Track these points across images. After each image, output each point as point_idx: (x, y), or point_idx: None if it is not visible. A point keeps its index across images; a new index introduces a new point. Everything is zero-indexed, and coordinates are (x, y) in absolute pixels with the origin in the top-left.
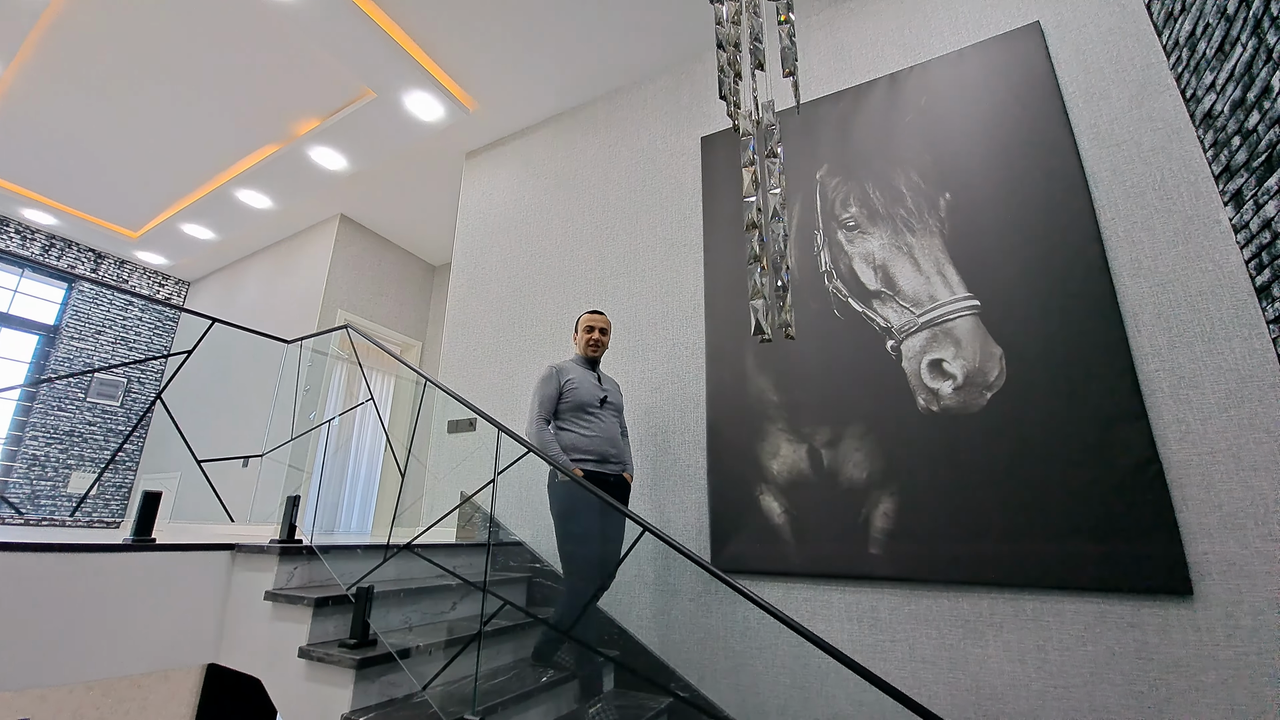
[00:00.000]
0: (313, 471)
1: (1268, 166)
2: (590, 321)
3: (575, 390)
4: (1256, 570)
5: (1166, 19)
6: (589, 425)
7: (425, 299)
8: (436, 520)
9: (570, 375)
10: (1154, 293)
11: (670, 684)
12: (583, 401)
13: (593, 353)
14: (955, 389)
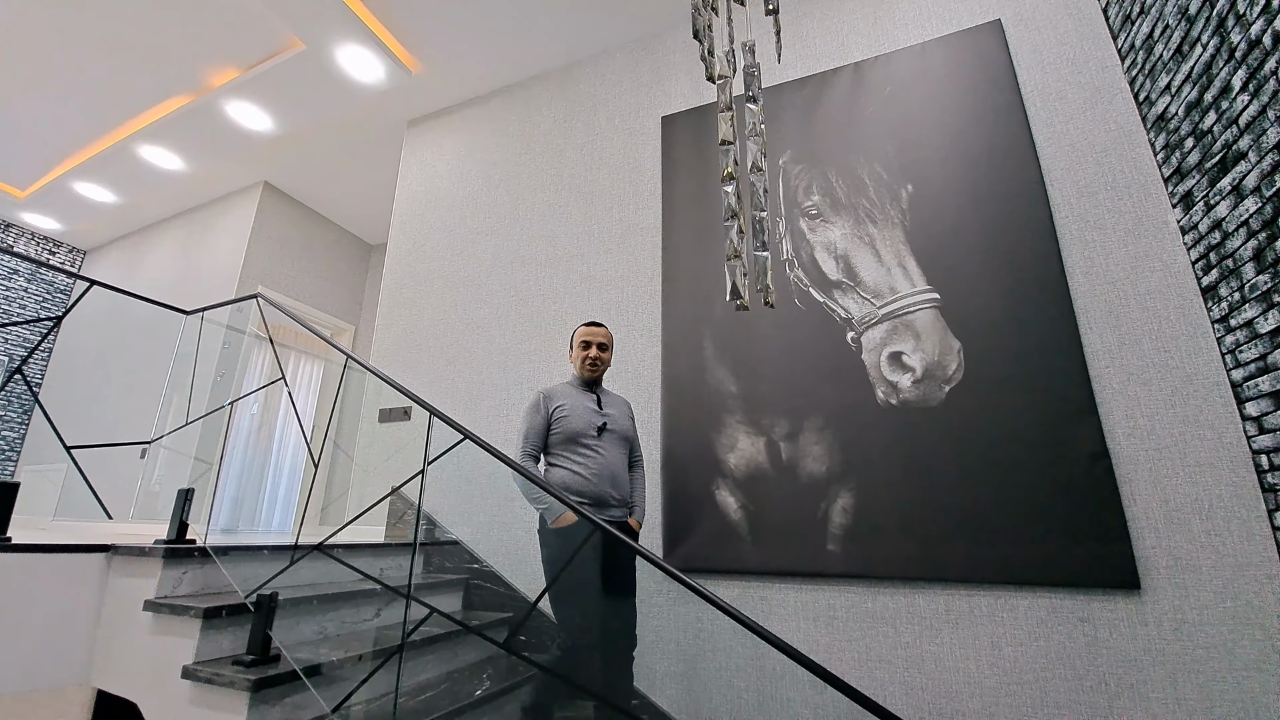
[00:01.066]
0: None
1: (1221, 167)
2: (586, 336)
3: (566, 419)
4: (1202, 565)
5: (1124, 22)
6: (583, 460)
7: (360, 280)
8: (354, 517)
9: (560, 401)
10: (1105, 291)
11: None
12: (575, 431)
13: (591, 372)
14: (914, 382)
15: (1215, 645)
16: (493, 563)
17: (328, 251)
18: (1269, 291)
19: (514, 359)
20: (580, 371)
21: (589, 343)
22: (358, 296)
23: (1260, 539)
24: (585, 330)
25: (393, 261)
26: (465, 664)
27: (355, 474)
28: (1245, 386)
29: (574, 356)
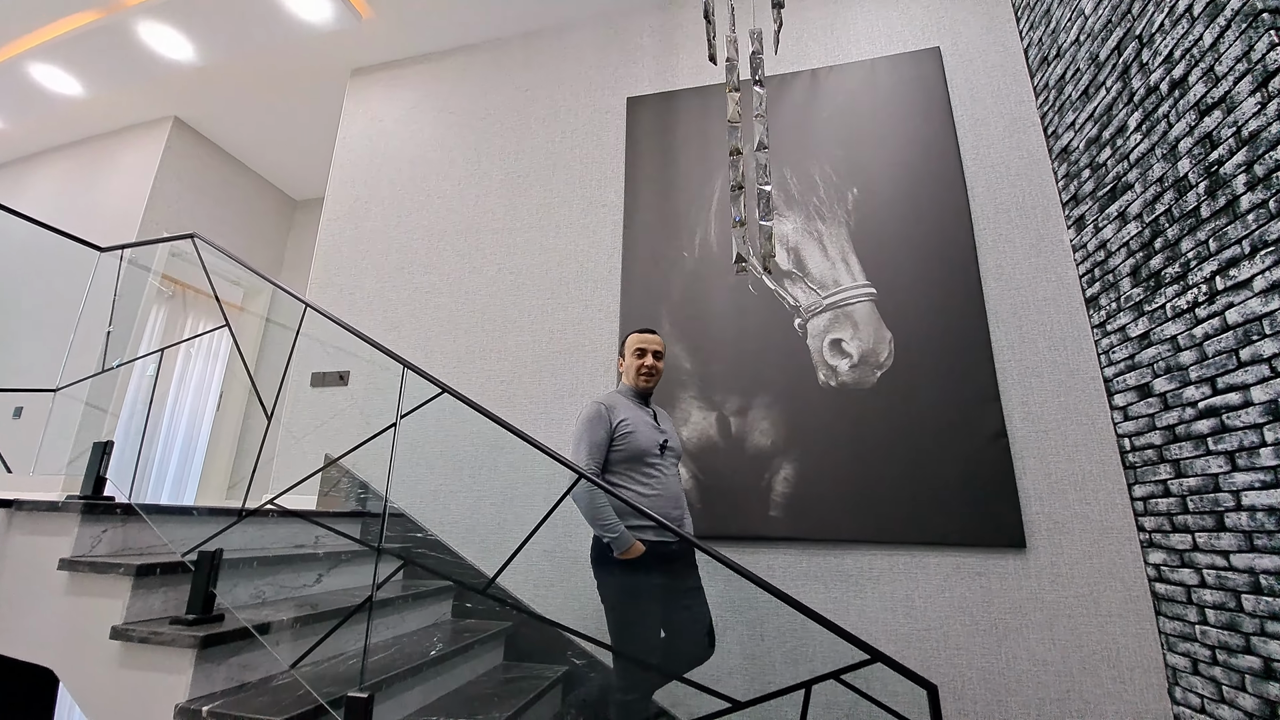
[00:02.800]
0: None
1: (1111, 195)
2: (641, 343)
3: (631, 435)
4: (1074, 528)
5: (1041, 62)
6: (649, 480)
7: (281, 237)
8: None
9: (624, 416)
10: (1011, 296)
11: (567, 652)
12: (641, 450)
13: (646, 383)
14: (851, 367)
15: (1083, 595)
16: (437, 533)
17: (246, 203)
18: (1140, 303)
19: (466, 327)
20: (634, 382)
21: (644, 350)
22: (278, 254)
23: (1121, 508)
24: (640, 337)
25: (330, 218)
26: (412, 629)
27: (284, 440)
28: (1115, 382)
29: (625, 365)
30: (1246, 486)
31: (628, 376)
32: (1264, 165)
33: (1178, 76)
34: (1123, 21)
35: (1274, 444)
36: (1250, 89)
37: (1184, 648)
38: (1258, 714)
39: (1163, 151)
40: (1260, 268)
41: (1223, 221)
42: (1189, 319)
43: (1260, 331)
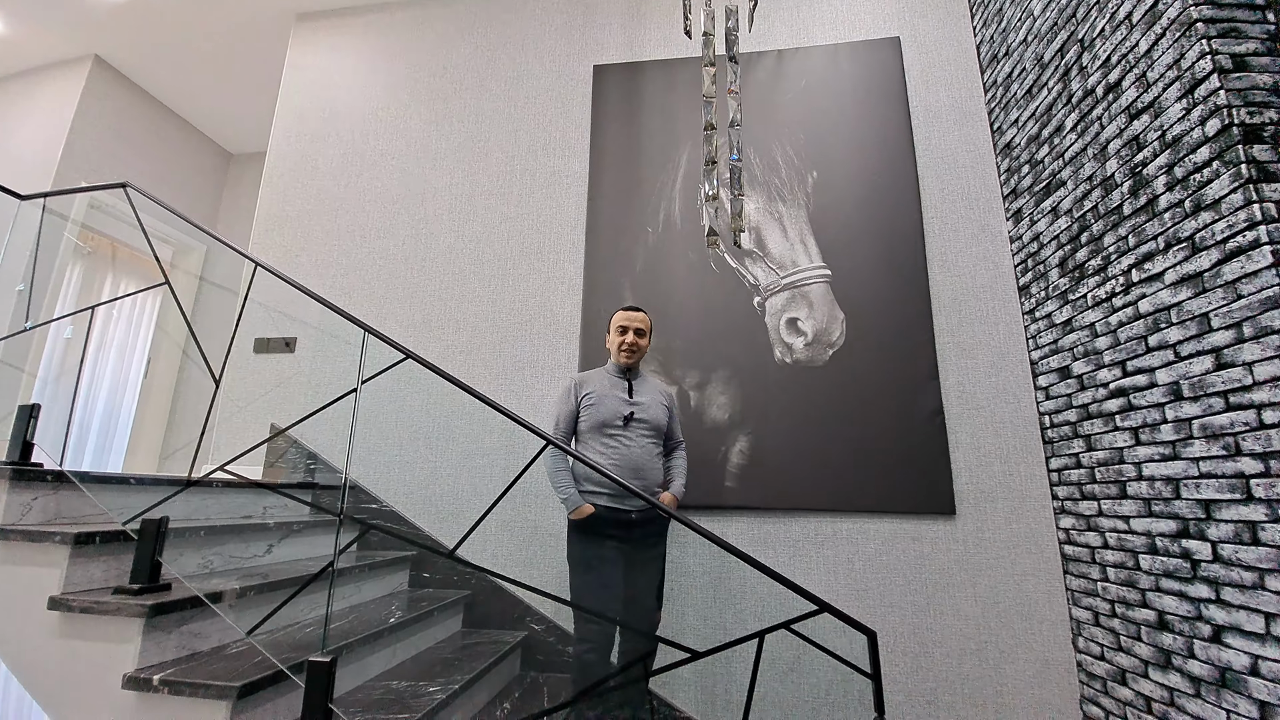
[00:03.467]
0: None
1: (1046, 191)
2: (624, 321)
3: (593, 407)
4: (997, 496)
5: (991, 60)
6: (608, 450)
7: (216, 193)
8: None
9: (590, 389)
10: (953, 283)
11: (526, 618)
12: (601, 420)
13: (627, 359)
14: (806, 345)
15: (1003, 556)
16: (393, 504)
17: (176, 154)
18: (1065, 292)
19: (422, 296)
20: (616, 358)
21: (625, 328)
22: (212, 210)
23: (1039, 479)
24: (623, 315)
25: (273, 175)
26: (369, 599)
27: (226, 408)
28: (1040, 364)
29: (610, 341)
30: (1147, 459)
31: (611, 352)
32: (1183, 168)
33: (1113, 81)
34: (1067, 24)
35: (1173, 421)
36: (1178, 95)
37: (1087, 602)
38: (1152, 661)
39: (1094, 151)
40: (1171, 262)
41: (1142, 219)
42: (1106, 308)
43: (1168, 320)
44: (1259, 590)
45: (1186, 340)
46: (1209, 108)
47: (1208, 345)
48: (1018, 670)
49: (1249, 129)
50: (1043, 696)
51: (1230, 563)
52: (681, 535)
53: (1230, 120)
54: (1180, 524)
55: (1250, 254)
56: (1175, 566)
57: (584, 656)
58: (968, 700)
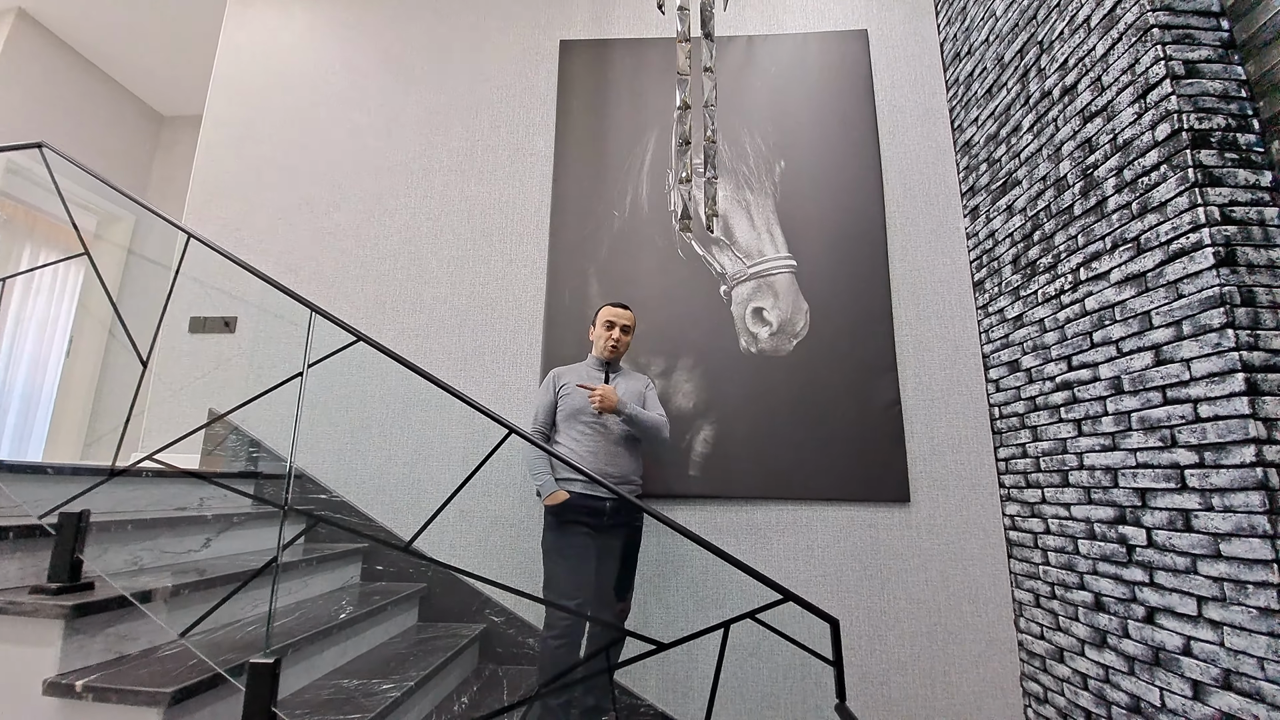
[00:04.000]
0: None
1: (1002, 189)
2: (611, 316)
3: (568, 398)
4: (949, 484)
5: (954, 58)
6: (581, 437)
7: (145, 159)
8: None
9: (568, 379)
10: (912, 276)
11: (485, 610)
12: (576, 408)
13: (610, 354)
14: (771, 335)
15: (953, 542)
16: (343, 494)
17: (102, 115)
18: (1017, 288)
19: (376, 276)
20: (600, 351)
21: (613, 323)
22: (142, 178)
23: (988, 468)
24: (610, 311)
25: (212, 141)
26: (316, 594)
27: (155, 391)
28: (991, 358)
29: (595, 335)
30: (1088, 449)
31: (595, 346)
32: (1133, 170)
33: (1069, 84)
34: (1028, 26)
35: (1114, 413)
36: (1130, 99)
37: (1029, 585)
38: (1089, 640)
39: (1049, 152)
40: (1118, 262)
41: (1091, 220)
42: (1055, 304)
43: (1112, 318)
44: (1191, 575)
45: (1128, 337)
46: (1160, 112)
47: (1148, 342)
48: (964, 650)
49: (1197, 134)
50: (986, 675)
51: (1164, 548)
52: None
53: (1180, 125)
54: (1118, 511)
55: (1193, 255)
56: (1112, 551)
57: (553, 648)
58: (918, 680)
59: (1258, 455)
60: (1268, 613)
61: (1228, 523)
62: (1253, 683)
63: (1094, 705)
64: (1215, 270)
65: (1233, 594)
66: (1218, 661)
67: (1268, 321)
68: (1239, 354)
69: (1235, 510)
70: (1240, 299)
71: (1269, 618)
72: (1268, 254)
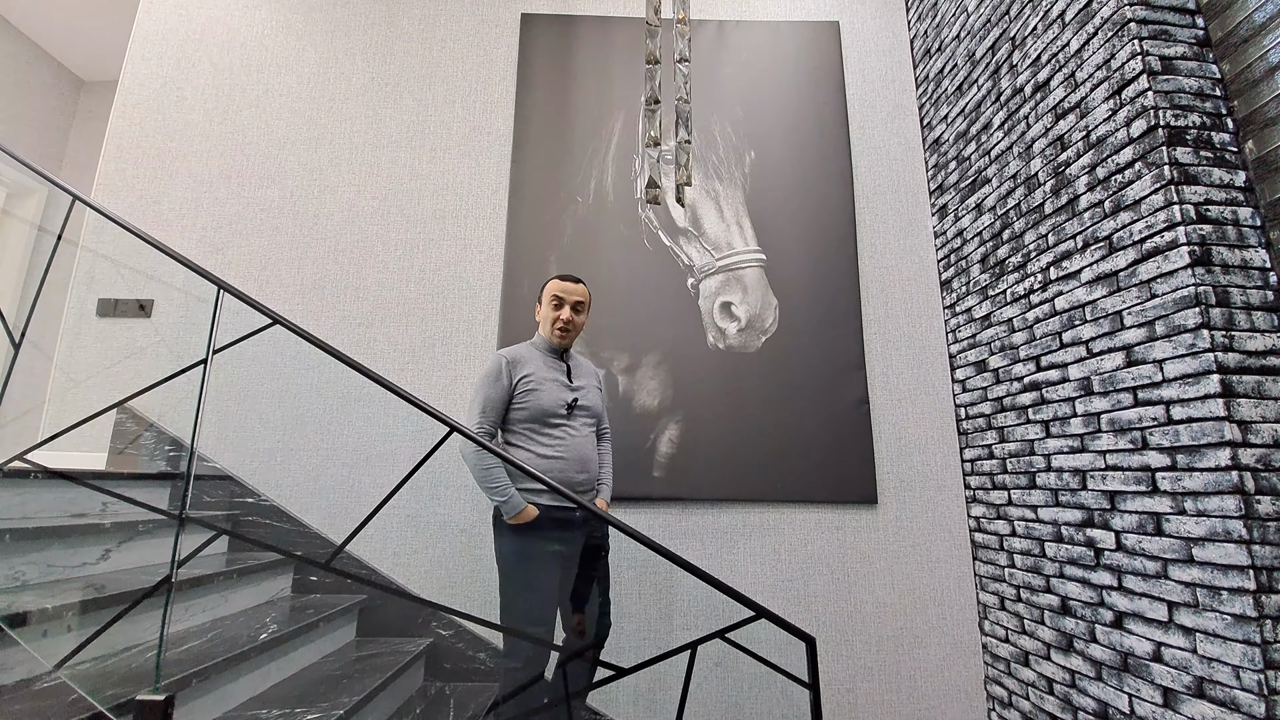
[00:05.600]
0: None
1: (971, 188)
2: (559, 291)
3: (534, 393)
4: (916, 485)
5: (924, 55)
6: (551, 443)
7: (63, 127)
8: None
9: (527, 370)
10: (881, 274)
11: (433, 623)
12: (544, 410)
13: (560, 339)
14: (739, 330)
15: (919, 544)
16: (273, 497)
17: (14, 79)
18: (985, 288)
19: (315, 257)
20: (548, 335)
21: (561, 300)
22: (58, 149)
23: (953, 469)
24: (558, 285)
25: (128, 104)
26: (238, 610)
27: (57, 382)
28: (958, 358)
29: (541, 314)
30: (1056, 451)
31: (542, 328)
32: (1105, 168)
33: (1041, 80)
34: (1000, 21)
35: (1083, 415)
36: (1105, 95)
37: (994, 588)
38: (1054, 644)
39: (1019, 150)
40: (1089, 261)
41: (1063, 218)
42: (1024, 304)
43: (1082, 318)
44: (1162, 579)
45: (1099, 337)
46: (1136, 108)
47: (1119, 343)
48: (929, 654)
49: (1173, 131)
50: (951, 679)
51: (1133, 552)
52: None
53: (1157, 121)
54: (1086, 514)
55: (1168, 254)
56: (1079, 554)
57: (514, 675)
58: (884, 686)
59: (1233, 459)
60: (1243, 619)
61: (1201, 527)
62: (1227, 691)
63: (1060, 710)
64: (1190, 270)
65: (1206, 600)
66: (1190, 669)
67: (1242, 323)
68: (1214, 355)
69: (1209, 514)
70: (1215, 299)
71: (1244, 625)
72: (1242, 254)
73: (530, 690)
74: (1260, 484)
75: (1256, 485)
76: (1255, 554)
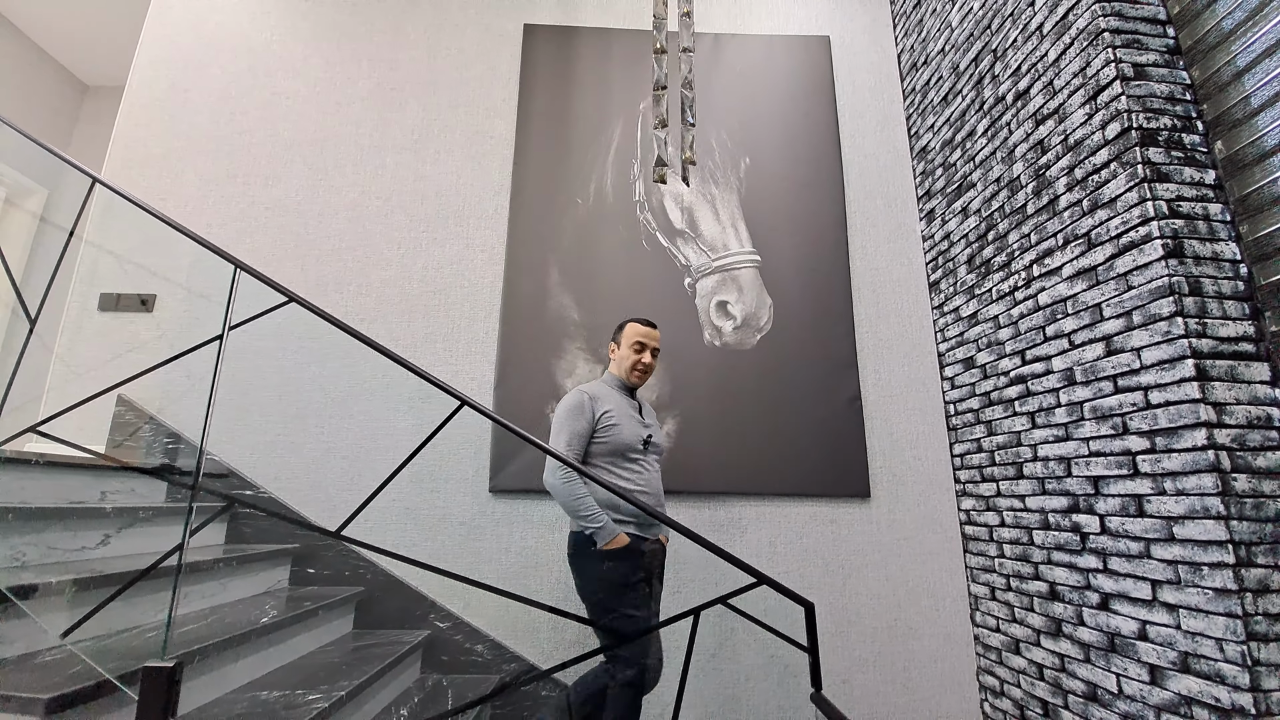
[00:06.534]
0: None
1: (957, 192)
2: (641, 337)
3: (615, 429)
4: (907, 479)
5: (910, 68)
6: (630, 475)
7: (66, 130)
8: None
9: (608, 407)
10: (871, 276)
11: (430, 615)
12: (624, 444)
13: (638, 380)
14: (735, 328)
15: (911, 537)
16: (272, 489)
17: (21, 82)
18: (972, 287)
19: (318, 256)
20: (626, 375)
21: (643, 345)
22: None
23: (944, 464)
24: (640, 330)
25: (136, 104)
26: (236, 598)
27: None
28: (946, 355)
29: (618, 355)
30: (1042, 441)
31: (618, 368)
32: (1083, 169)
33: (1022, 88)
34: (982, 35)
35: (1066, 404)
36: (1081, 101)
37: (984, 579)
38: (1044, 630)
39: (1002, 155)
40: (1069, 257)
41: (1044, 218)
42: (1009, 301)
43: (1064, 311)
44: (1145, 559)
45: (1080, 329)
46: (1110, 112)
47: (1099, 333)
48: (923, 646)
49: (1146, 133)
50: (944, 670)
51: (1117, 534)
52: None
53: (1130, 124)
54: (1071, 500)
55: (1142, 247)
56: (1066, 540)
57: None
58: (879, 677)
59: (1209, 438)
60: (1224, 593)
61: (1181, 506)
62: (1212, 664)
63: (1050, 695)
64: (1164, 261)
65: (1188, 576)
66: (1175, 645)
67: (1214, 310)
68: (1188, 341)
69: (1188, 493)
70: (1188, 289)
71: (1226, 598)
72: (1212, 246)
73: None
74: (1236, 462)
75: (1232, 463)
76: (1233, 529)
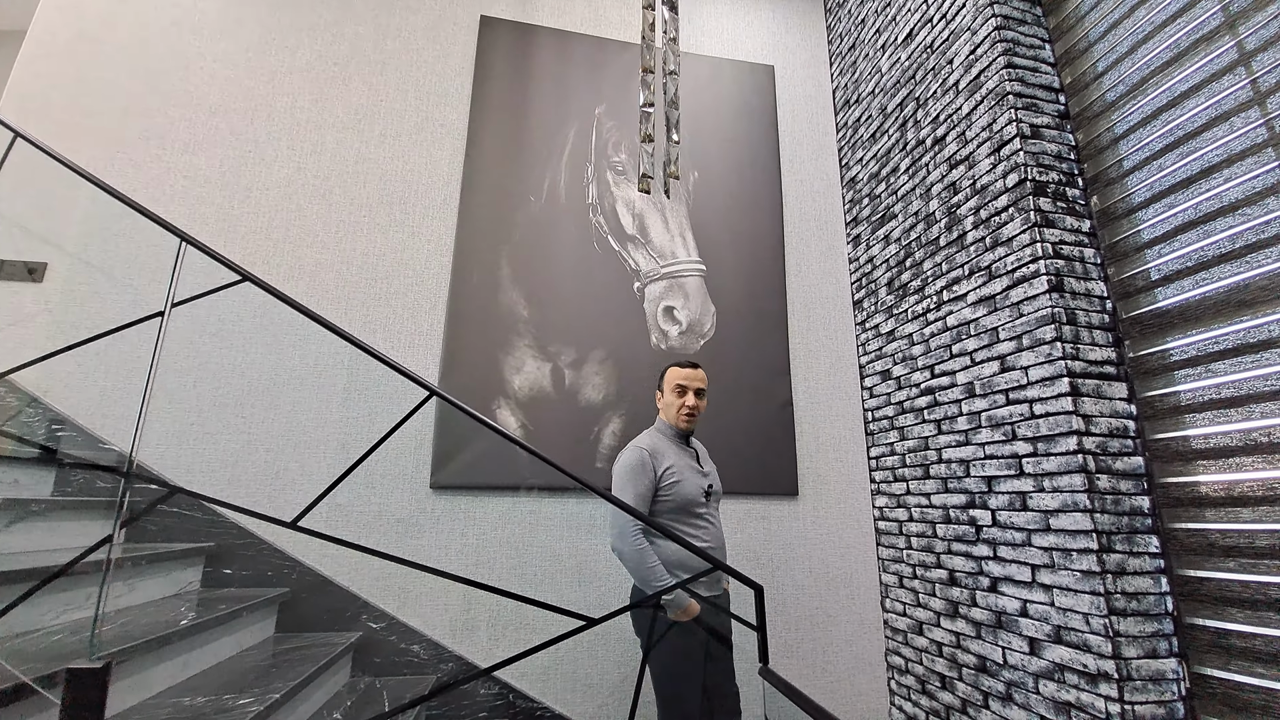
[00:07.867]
0: None
1: (881, 221)
2: (683, 380)
3: (678, 485)
4: (830, 479)
5: (844, 104)
6: (697, 531)
7: None
8: None
9: (669, 462)
10: (804, 292)
11: (363, 616)
12: (688, 499)
13: (687, 425)
14: (680, 333)
15: (832, 532)
16: (182, 482)
17: None
18: (890, 307)
19: (245, 232)
20: (674, 421)
21: (684, 388)
22: None
23: (861, 465)
24: (680, 373)
25: (37, 54)
26: (144, 601)
27: None
28: (866, 367)
29: (664, 401)
30: (946, 445)
31: (667, 414)
32: (987, 210)
33: (939, 135)
34: (908, 83)
35: (967, 414)
36: (988, 153)
37: (894, 568)
38: (943, 612)
39: (921, 192)
40: (973, 286)
41: (954, 250)
42: (922, 321)
43: (967, 333)
44: (1027, 547)
45: (980, 349)
46: (1010, 164)
47: (996, 353)
48: (839, 631)
49: (1038, 184)
50: (857, 651)
51: (1005, 526)
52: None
53: (1025, 176)
54: (969, 497)
55: (1032, 281)
56: (964, 532)
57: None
58: (800, 662)
59: (1079, 444)
60: (1089, 574)
61: (1056, 501)
62: (1080, 635)
63: (947, 669)
64: (1049, 294)
65: (1060, 561)
66: (1049, 620)
67: (1085, 338)
68: (1065, 362)
69: (1061, 490)
70: (1066, 318)
71: (1090, 579)
72: (1086, 284)
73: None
74: (1099, 465)
75: (1096, 465)
76: (1097, 521)
